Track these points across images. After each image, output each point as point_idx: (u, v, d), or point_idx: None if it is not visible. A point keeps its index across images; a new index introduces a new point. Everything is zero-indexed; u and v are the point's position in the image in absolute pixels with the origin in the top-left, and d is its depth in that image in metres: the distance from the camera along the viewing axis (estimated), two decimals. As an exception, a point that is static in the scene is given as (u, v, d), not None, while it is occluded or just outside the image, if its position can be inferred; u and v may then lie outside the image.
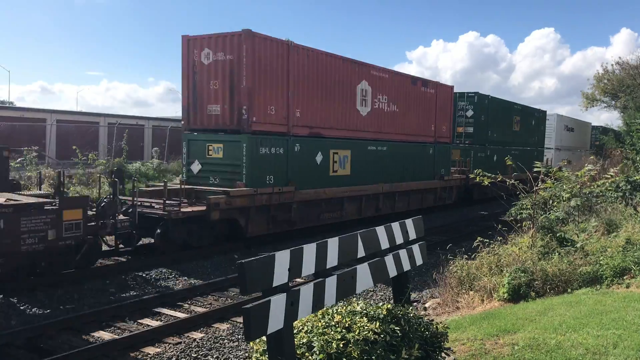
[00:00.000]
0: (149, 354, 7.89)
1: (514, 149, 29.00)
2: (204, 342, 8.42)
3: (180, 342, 8.34)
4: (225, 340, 8.61)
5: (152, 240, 13.20)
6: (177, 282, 11.64)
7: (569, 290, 8.85)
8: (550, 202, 12.42)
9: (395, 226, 5.42)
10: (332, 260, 4.40)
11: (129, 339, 8.22)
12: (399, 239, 5.42)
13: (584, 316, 6.67)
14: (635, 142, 18.10)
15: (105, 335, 8.59)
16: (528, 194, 11.44)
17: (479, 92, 26.11)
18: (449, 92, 23.15)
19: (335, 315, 4.54)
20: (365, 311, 4.70)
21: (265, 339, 4.13)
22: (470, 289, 10.00)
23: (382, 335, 4.42)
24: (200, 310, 9.91)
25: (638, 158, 16.54)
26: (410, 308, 5.06)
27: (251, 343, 4.55)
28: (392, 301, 7.28)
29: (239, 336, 8.69)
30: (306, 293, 4.07)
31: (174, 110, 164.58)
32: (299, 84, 15.37)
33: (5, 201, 10.19)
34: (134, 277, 11.68)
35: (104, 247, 12.63)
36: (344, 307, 4.83)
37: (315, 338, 4.19)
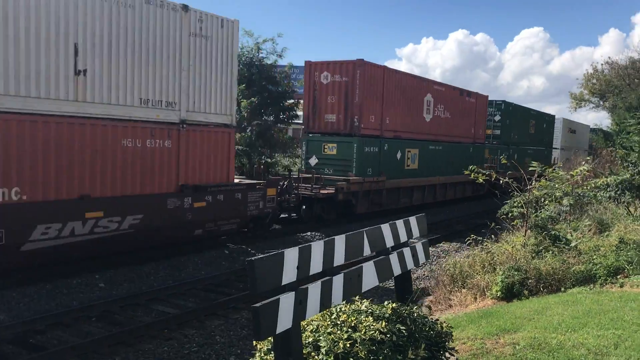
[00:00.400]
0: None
1: (530, 149, 33.21)
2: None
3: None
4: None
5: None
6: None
7: (563, 289, 8.84)
8: (542, 200, 12.43)
9: (400, 224, 5.35)
10: (339, 258, 4.32)
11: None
12: (403, 237, 5.35)
13: (582, 316, 6.66)
14: (625, 143, 18.26)
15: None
16: (522, 192, 11.45)
17: (505, 100, 30.50)
18: (484, 101, 27.76)
19: (341, 314, 4.46)
20: (370, 310, 4.62)
21: (270, 338, 4.03)
22: (463, 286, 9.98)
23: (388, 335, 4.35)
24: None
25: (628, 158, 16.68)
26: (415, 307, 5.00)
27: (254, 341, 4.46)
28: (374, 298, 7.23)
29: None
30: (314, 292, 3.98)
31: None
32: (388, 97, 19.96)
33: (240, 181, 14.97)
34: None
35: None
36: (347, 306, 4.75)
37: (322, 337, 4.10)
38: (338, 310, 4.55)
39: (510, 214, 12.20)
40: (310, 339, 4.20)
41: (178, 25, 12.26)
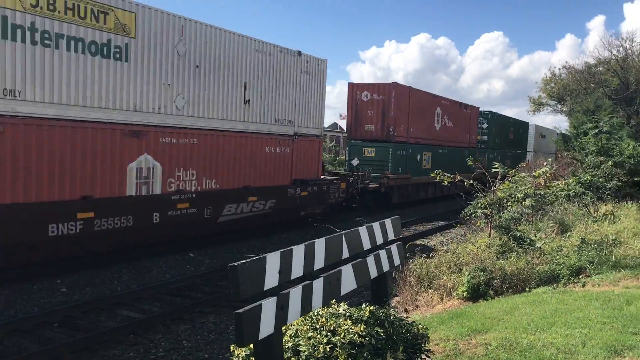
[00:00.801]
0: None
1: (509, 152, 38.71)
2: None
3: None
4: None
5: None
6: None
7: (527, 289, 8.98)
8: (505, 201, 12.64)
9: (376, 226, 5.35)
10: (319, 262, 4.28)
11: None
12: (379, 239, 5.35)
13: (550, 315, 6.79)
14: (584, 145, 18.79)
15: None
16: (486, 193, 11.63)
17: (486, 109, 35.93)
18: (476, 111, 33.13)
19: (319, 317, 4.42)
20: (348, 313, 4.59)
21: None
22: (429, 287, 10.07)
23: (367, 338, 4.33)
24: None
25: (586, 160, 17.17)
26: (391, 309, 5.00)
27: (232, 347, 4.38)
28: (345, 300, 7.21)
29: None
30: (295, 296, 3.92)
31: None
32: (412, 111, 24.96)
33: (323, 177, 19.29)
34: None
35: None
36: (325, 309, 4.71)
37: (302, 342, 4.06)
38: (316, 313, 4.51)
39: (473, 215, 12.39)
40: (290, 344, 4.16)
41: (295, 65, 17.18)
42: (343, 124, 36.59)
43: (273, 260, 3.74)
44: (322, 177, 19.29)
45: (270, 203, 16.23)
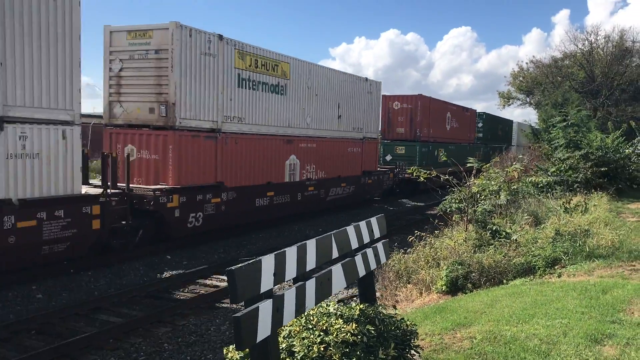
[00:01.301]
0: None
1: (498, 146, 43.68)
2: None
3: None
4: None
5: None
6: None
7: (505, 281, 9.12)
8: (478, 195, 12.82)
9: (363, 225, 5.39)
10: (310, 262, 4.30)
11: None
12: (366, 238, 5.39)
13: (530, 307, 6.92)
14: (552, 139, 19.18)
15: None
16: (461, 187, 11.78)
17: (477, 109, 42.44)
18: (474, 113, 40.15)
19: (311, 318, 4.44)
20: (339, 312, 4.62)
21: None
22: (408, 282, 10.17)
23: (359, 337, 4.37)
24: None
25: (555, 154, 17.54)
26: (380, 307, 5.04)
27: (224, 350, 4.38)
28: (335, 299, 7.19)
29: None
30: (290, 298, 3.93)
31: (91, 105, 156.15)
32: (431, 116, 31.34)
33: (379, 169, 26.46)
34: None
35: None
36: (315, 309, 4.73)
37: (297, 343, 4.08)
38: (308, 313, 4.53)
39: (448, 209, 12.53)
40: (284, 345, 4.17)
41: (363, 88, 24.13)
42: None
43: (267, 262, 3.74)
44: (377, 169, 26.01)
45: (351, 188, 23.11)
